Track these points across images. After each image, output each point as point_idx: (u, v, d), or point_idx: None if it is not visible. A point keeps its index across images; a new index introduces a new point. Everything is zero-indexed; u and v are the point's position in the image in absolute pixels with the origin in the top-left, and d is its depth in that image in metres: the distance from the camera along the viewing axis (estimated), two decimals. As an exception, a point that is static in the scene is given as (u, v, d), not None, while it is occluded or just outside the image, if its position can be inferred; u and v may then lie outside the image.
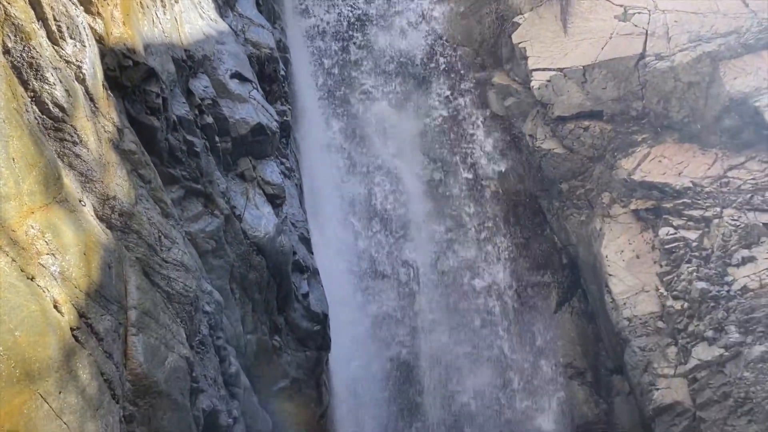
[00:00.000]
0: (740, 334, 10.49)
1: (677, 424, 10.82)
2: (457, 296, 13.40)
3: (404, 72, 14.49)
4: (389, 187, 13.77)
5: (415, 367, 12.91)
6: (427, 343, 13.05)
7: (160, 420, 5.37)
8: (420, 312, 13.24)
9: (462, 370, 12.96)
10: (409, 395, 12.61)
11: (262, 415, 9.56)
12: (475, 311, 13.38)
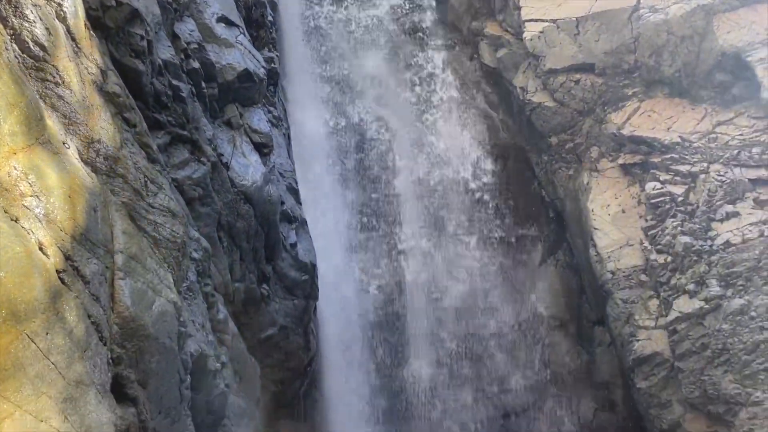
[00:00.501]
0: (721, 287, 10.68)
1: (656, 374, 11.10)
2: (446, 247, 13.49)
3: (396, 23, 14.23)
4: (379, 138, 13.68)
5: (402, 316, 13.08)
6: (415, 295, 13.20)
7: (148, 363, 5.42)
8: (408, 263, 13.34)
9: (449, 321, 13.16)
10: (396, 343, 12.80)
11: (251, 361, 9.70)
12: (464, 263, 13.49)
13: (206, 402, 7.22)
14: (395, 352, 12.77)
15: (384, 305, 12.97)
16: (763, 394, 9.60)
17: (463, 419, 12.55)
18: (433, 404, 12.57)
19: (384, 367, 12.59)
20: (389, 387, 12.52)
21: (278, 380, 10.67)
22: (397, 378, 12.61)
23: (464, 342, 13.10)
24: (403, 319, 12.98)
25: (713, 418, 10.09)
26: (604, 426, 12.71)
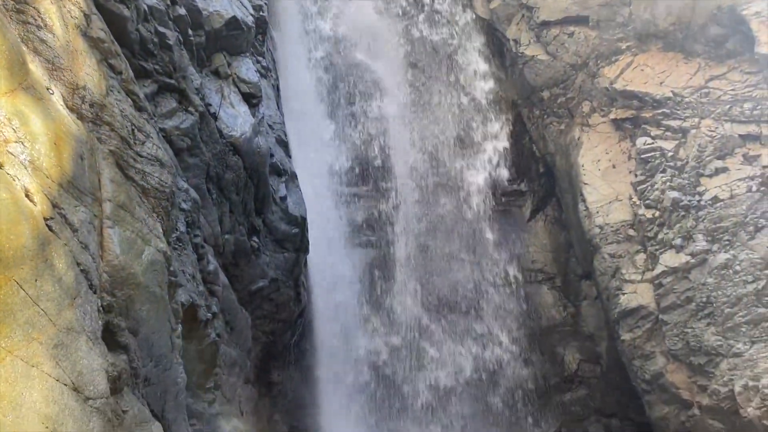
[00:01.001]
0: (707, 242, 10.80)
1: (640, 326, 11.31)
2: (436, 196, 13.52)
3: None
4: (370, 89, 13.51)
5: (392, 266, 13.17)
6: (405, 245, 13.27)
7: (139, 311, 5.43)
8: (399, 214, 13.36)
9: (438, 271, 13.26)
10: (385, 292, 12.93)
11: (242, 312, 9.77)
12: (455, 215, 13.54)
13: (197, 351, 7.31)
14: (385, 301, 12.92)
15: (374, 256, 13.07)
16: (743, 346, 9.82)
17: (448, 369, 12.78)
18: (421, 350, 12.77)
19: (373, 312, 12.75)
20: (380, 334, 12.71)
21: (269, 331, 10.79)
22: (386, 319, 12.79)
23: (452, 292, 13.24)
24: (392, 269, 13.08)
25: (695, 368, 10.33)
26: (588, 377, 13.00)
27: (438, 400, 12.60)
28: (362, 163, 13.37)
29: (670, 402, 10.82)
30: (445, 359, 12.81)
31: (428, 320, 12.99)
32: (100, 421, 4.37)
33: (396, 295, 13.06)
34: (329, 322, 11.83)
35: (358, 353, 12.28)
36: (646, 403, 11.24)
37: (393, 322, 12.84)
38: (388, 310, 12.89)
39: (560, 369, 13.23)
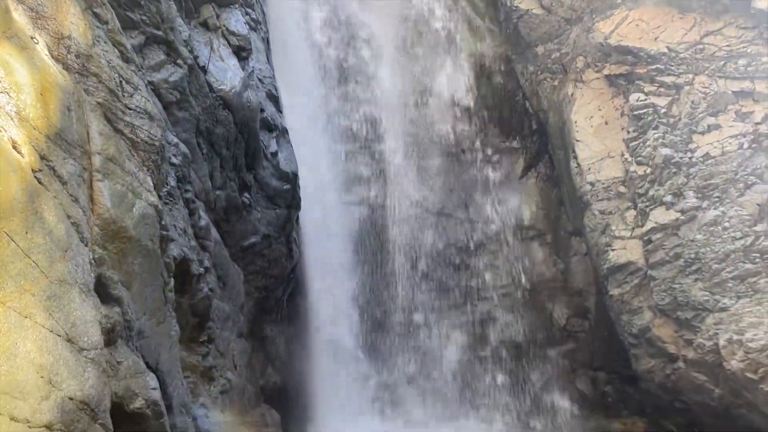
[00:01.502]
0: (697, 199, 10.86)
1: (628, 281, 11.45)
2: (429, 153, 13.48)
3: None
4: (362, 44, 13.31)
5: (384, 224, 13.21)
6: (398, 202, 13.29)
7: (131, 265, 5.44)
8: (391, 171, 13.33)
9: (429, 229, 13.32)
10: (376, 249, 12.99)
11: (234, 268, 9.81)
12: (447, 172, 13.53)
13: (191, 305, 7.35)
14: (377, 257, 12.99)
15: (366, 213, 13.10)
16: (729, 301, 9.98)
17: (440, 323, 12.96)
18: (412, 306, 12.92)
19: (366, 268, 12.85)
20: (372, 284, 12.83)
21: (261, 287, 10.85)
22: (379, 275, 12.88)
23: (444, 250, 13.33)
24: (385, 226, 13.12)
25: (681, 323, 10.51)
26: (576, 331, 13.21)
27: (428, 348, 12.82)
28: (354, 119, 13.26)
29: (656, 355, 11.03)
30: (436, 310, 12.98)
31: (420, 276, 13.09)
32: (95, 371, 4.41)
33: (389, 251, 13.12)
34: (321, 278, 11.89)
35: (349, 308, 12.40)
36: (632, 356, 11.46)
37: (385, 278, 12.94)
38: (380, 266, 12.97)
39: (549, 324, 13.43)
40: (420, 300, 13.00)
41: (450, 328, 13.02)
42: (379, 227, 13.37)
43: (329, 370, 11.56)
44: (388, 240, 13.36)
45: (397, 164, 13.34)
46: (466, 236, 13.67)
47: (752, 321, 9.59)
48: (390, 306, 12.83)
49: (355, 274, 12.60)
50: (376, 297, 12.82)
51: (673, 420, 11.25)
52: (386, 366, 12.71)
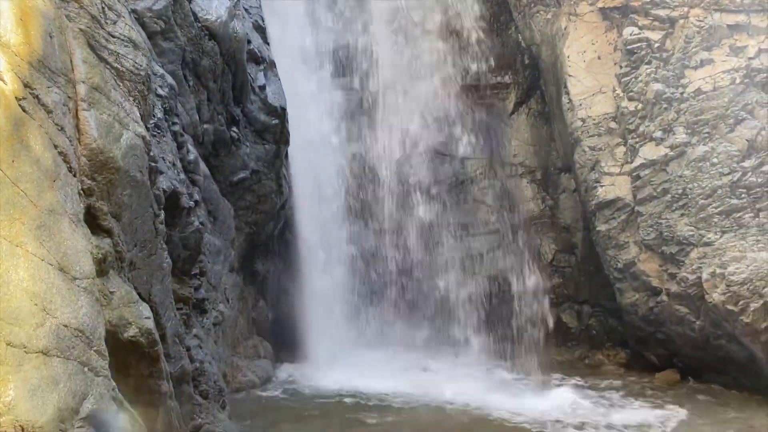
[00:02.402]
0: (687, 134, 10.87)
1: (616, 217, 11.57)
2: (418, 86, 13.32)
3: None
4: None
5: (373, 165, 13.17)
6: (389, 137, 13.20)
7: (120, 196, 5.41)
8: (380, 103, 13.19)
9: (419, 165, 13.30)
10: (366, 191, 13.00)
11: (224, 203, 9.80)
12: (437, 106, 13.40)
13: (181, 238, 7.36)
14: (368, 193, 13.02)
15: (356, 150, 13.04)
16: (714, 236, 10.13)
17: (430, 259, 13.10)
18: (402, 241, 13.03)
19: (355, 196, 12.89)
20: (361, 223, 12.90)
21: (252, 222, 10.88)
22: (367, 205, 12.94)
23: (434, 183, 13.37)
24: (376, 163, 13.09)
25: (666, 257, 10.70)
26: (563, 266, 13.42)
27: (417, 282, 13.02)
28: (343, 50, 13.01)
29: (640, 289, 11.27)
30: (426, 246, 13.11)
31: (410, 210, 13.14)
32: (89, 300, 4.45)
33: (379, 185, 13.13)
34: (311, 213, 11.92)
35: (341, 242, 12.49)
36: (617, 290, 11.71)
37: (373, 215, 13.00)
38: (370, 202, 13.01)
39: (536, 259, 13.61)
40: (410, 235, 13.09)
41: (439, 264, 13.17)
42: (369, 162, 13.33)
43: (322, 304, 11.73)
44: (377, 175, 13.35)
45: (385, 96, 13.18)
46: (453, 172, 13.68)
47: (735, 255, 9.77)
48: (380, 239, 12.93)
49: (346, 207, 12.63)
50: (366, 232, 12.91)
51: (654, 351, 11.59)
52: (379, 299, 12.92)
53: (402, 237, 13.11)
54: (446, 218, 13.34)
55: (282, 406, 8.98)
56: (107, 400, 4.27)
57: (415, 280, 13.10)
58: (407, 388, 9.94)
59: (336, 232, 12.47)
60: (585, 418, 8.63)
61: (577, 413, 8.85)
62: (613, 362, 12.38)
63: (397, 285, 13.10)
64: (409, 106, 13.37)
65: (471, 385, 10.14)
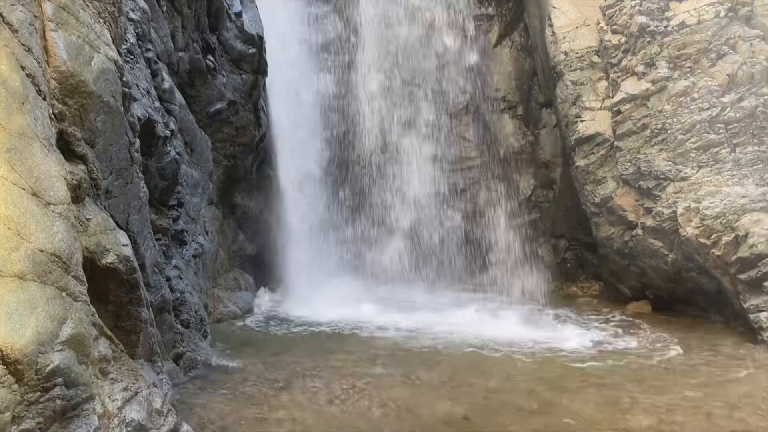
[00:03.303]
0: (669, 69, 10.80)
1: (595, 152, 11.62)
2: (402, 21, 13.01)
3: None
4: None
5: (356, 93, 12.97)
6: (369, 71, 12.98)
7: (93, 121, 5.27)
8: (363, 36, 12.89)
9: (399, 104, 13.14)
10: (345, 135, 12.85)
11: (201, 134, 9.64)
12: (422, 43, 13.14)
13: (158, 168, 7.26)
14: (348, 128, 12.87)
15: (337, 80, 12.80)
16: (690, 170, 10.23)
17: (409, 192, 13.12)
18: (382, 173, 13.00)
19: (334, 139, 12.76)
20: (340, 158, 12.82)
21: (230, 155, 10.75)
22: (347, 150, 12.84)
23: (414, 120, 13.25)
24: (355, 97, 12.89)
25: (643, 192, 10.82)
26: (541, 201, 13.56)
27: (396, 214, 13.08)
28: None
29: (616, 223, 11.44)
30: (406, 178, 13.11)
31: (389, 144, 13.07)
32: (64, 226, 4.39)
33: (360, 120, 12.98)
34: (290, 145, 11.79)
35: (320, 175, 12.43)
36: (593, 224, 11.88)
37: (354, 145, 12.90)
38: (349, 135, 12.88)
39: (516, 194, 13.72)
40: (390, 167, 13.06)
41: (419, 197, 13.21)
42: (349, 96, 13.13)
43: (301, 237, 11.77)
44: (357, 111, 13.19)
45: (368, 29, 12.87)
46: (436, 107, 13.55)
47: (710, 190, 9.91)
48: (359, 171, 12.89)
49: (324, 139, 12.50)
50: (347, 165, 12.84)
51: (627, 283, 11.88)
52: (356, 229, 12.98)
53: (382, 171, 13.07)
54: (425, 151, 13.30)
55: (263, 335, 9.12)
56: (87, 325, 4.28)
57: (395, 214, 13.15)
58: (383, 316, 10.14)
59: (315, 167, 12.38)
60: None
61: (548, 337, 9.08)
62: (587, 294, 12.71)
63: (376, 219, 13.15)
64: (390, 39, 13.09)
65: (446, 313, 10.38)
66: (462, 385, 6.85)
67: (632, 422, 5.90)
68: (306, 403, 6.19)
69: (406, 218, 13.05)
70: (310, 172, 12.17)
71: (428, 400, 6.35)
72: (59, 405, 3.85)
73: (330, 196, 12.61)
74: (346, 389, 6.60)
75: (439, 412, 6.03)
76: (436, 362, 7.78)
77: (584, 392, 6.71)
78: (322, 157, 12.53)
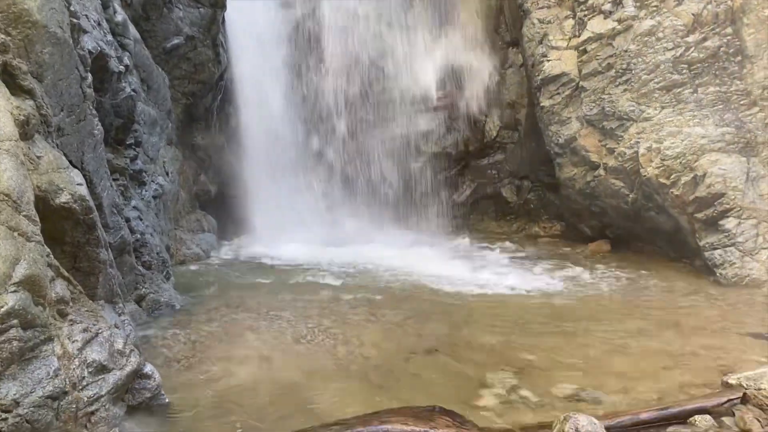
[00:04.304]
0: (635, 8, 10.72)
1: (560, 93, 11.59)
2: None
3: None
4: None
5: (321, 28, 12.61)
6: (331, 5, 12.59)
7: (40, 54, 4.99)
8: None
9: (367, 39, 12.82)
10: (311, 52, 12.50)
11: (158, 71, 9.28)
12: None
13: (113, 105, 6.98)
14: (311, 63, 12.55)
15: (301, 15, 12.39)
16: (653, 111, 10.31)
17: (373, 133, 12.98)
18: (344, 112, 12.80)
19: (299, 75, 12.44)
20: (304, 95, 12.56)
21: (189, 93, 10.41)
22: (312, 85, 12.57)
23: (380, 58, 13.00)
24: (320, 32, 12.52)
25: (606, 132, 10.89)
26: (506, 143, 13.58)
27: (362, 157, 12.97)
28: None
29: (578, 164, 11.55)
30: (368, 120, 12.94)
31: (353, 84, 12.82)
32: (13, 163, 4.19)
33: (323, 57, 12.65)
34: (252, 85, 11.46)
35: (282, 112, 12.16)
36: (556, 165, 11.97)
37: (317, 90, 12.63)
38: (313, 72, 12.57)
39: (481, 136, 13.70)
40: (354, 110, 12.84)
41: (383, 138, 13.08)
42: (313, 34, 12.75)
43: (265, 178, 11.59)
44: (321, 48, 12.84)
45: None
46: (402, 48, 13.28)
47: (671, 130, 10.03)
48: (323, 113, 12.66)
49: (287, 79, 12.18)
50: (310, 104, 12.58)
51: (588, 223, 12.10)
52: (323, 174, 12.85)
53: (345, 110, 12.86)
54: (389, 92, 13.09)
55: (227, 277, 9.06)
56: (41, 266, 4.15)
57: (362, 155, 13.03)
58: (348, 257, 10.17)
59: (278, 105, 12.08)
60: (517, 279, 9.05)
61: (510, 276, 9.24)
62: (548, 234, 12.93)
63: (342, 159, 13.02)
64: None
65: (412, 254, 10.46)
66: (427, 322, 6.96)
67: (590, 351, 6.09)
68: (272, 342, 6.21)
69: (375, 161, 12.95)
70: (274, 111, 11.87)
71: (394, 336, 6.44)
72: (16, 347, 3.76)
73: (295, 136, 12.38)
74: (312, 328, 6.63)
75: (405, 347, 6.12)
76: (402, 301, 7.86)
77: (545, 327, 6.88)
78: (288, 95, 12.21)
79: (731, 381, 5.11)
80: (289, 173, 12.20)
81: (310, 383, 5.22)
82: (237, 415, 4.63)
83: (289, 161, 12.20)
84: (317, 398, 4.92)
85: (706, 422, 4.53)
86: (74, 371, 4.21)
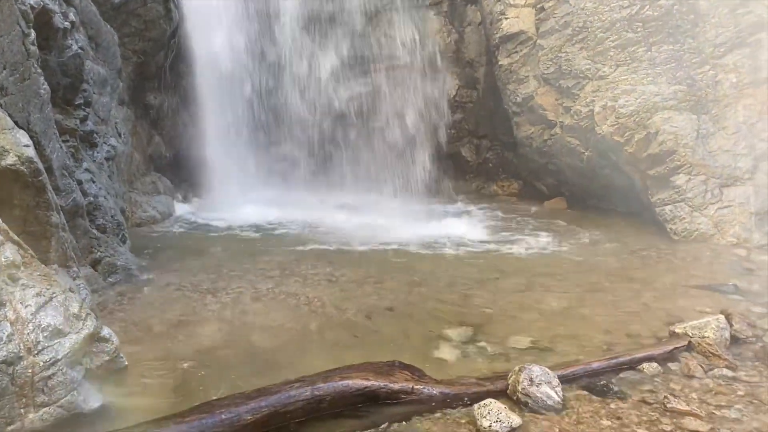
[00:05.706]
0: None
1: (518, 51, 11.62)
2: None
3: None
4: None
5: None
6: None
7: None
8: None
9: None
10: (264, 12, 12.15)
11: (107, 28, 8.92)
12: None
13: (59, 63, 6.70)
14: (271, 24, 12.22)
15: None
16: (609, 69, 10.43)
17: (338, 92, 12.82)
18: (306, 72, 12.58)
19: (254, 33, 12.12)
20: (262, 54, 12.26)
21: (139, 50, 10.07)
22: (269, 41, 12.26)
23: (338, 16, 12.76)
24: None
25: (562, 91, 11.00)
26: (465, 101, 13.59)
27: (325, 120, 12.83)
28: None
29: (535, 122, 11.67)
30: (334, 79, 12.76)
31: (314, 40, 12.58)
32: (-46, 124, 4.02)
33: (278, 16, 12.33)
34: (205, 42, 11.13)
35: (239, 73, 11.88)
36: (514, 124, 12.08)
37: (276, 44, 12.33)
38: (270, 32, 12.27)
39: (441, 93, 13.65)
40: (317, 68, 12.62)
41: (348, 98, 12.94)
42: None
43: (222, 139, 11.37)
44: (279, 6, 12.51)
45: None
46: (365, 5, 13.05)
47: (626, 88, 10.18)
48: (281, 73, 12.42)
49: (243, 34, 11.84)
50: (265, 65, 12.31)
51: (545, 181, 12.31)
52: (281, 137, 12.67)
53: (305, 71, 12.63)
54: (351, 50, 12.90)
55: (184, 239, 8.95)
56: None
57: (318, 118, 12.87)
58: (307, 218, 10.14)
59: (233, 65, 11.77)
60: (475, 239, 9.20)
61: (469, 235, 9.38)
62: (506, 192, 13.12)
63: (300, 122, 12.84)
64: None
65: (373, 214, 10.49)
66: (387, 281, 7.03)
67: (545, 305, 6.27)
68: (231, 304, 6.20)
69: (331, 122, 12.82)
70: (228, 69, 11.58)
71: (354, 296, 6.49)
72: (-34, 312, 3.67)
73: (252, 97, 12.12)
74: (272, 289, 6.64)
75: (364, 306, 6.19)
76: (361, 261, 7.91)
77: (502, 282, 7.04)
78: (241, 53, 11.89)
79: (677, 330, 5.34)
80: (246, 132, 11.98)
81: (270, 342, 5.26)
82: (195, 371, 4.64)
83: (246, 120, 11.96)
84: (279, 357, 4.96)
85: (653, 369, 4.74)
86: (29, 336, 4.13)
